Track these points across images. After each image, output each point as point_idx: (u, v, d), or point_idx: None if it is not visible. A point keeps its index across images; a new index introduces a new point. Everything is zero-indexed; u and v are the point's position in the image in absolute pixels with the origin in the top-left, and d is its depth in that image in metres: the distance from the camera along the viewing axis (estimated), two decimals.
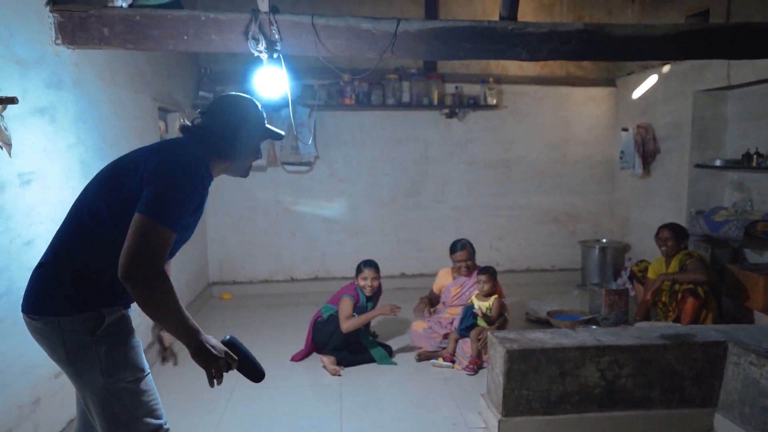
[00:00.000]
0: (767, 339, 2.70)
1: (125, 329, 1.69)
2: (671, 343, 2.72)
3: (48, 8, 2.62)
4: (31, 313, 1.61)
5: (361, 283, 3.79)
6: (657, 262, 4.21)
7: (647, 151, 5.22)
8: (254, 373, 1.71)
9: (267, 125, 1.88)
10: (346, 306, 3.69)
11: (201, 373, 1.58)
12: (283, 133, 1.96)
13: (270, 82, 2.74)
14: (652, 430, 2.74)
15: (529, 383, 2.70)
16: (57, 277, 1.60)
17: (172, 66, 4.59)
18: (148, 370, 1.72)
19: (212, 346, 1.56)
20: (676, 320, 3.89)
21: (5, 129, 2.14)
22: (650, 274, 4.19)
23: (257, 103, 1.87)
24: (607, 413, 2.74)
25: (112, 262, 1.47)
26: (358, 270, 3.84)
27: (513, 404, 2.71)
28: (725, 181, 4.73)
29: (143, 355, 1.73)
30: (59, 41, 2.68)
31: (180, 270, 4.39)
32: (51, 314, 1.58)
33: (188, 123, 1.82)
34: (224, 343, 1.65)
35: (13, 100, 2.18)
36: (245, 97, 1.86)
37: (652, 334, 2.85)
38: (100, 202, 1.61)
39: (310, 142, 5.15)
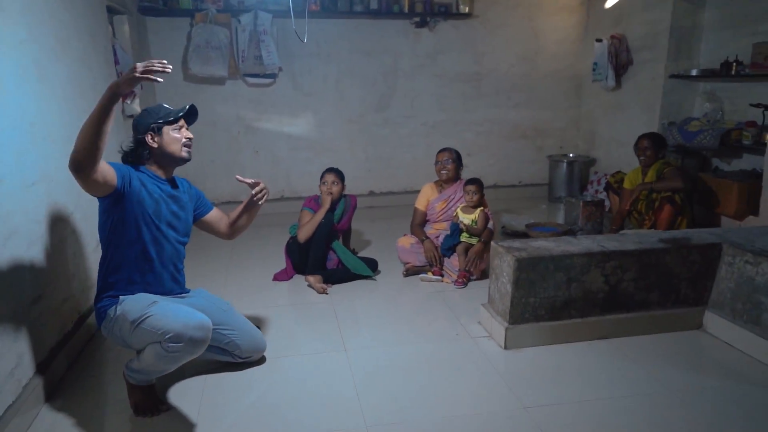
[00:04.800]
0: (758, 240, 2.80)
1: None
2: (672, 247, 2.77)
3: None
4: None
5: (322, 188, 3.72)
6: (633, 173, 4.26)
7: (620, 63, 5.17)
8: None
9: (162, 113, 2.25)
10: (302, 217, 3.69)
11: None
12: (183, 109, 2.29)
13: None
14: (649, 329, 2.84)
15: (536, 290, 2.70)
16: None
17: None
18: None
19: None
20: (652, 228, 4.00)
21: None
22: (626, 185, 4.26)
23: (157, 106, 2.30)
24: (609, 316, 2.80)
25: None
26: (321, 177, 3.77)
27: (519, 312, 2.72)
28: (696, 92, 4.78)
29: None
30: None
31: None
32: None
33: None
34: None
35: None
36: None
37: (652, 239, 2.89)
38: None
39: (274, 50, 4.74)
